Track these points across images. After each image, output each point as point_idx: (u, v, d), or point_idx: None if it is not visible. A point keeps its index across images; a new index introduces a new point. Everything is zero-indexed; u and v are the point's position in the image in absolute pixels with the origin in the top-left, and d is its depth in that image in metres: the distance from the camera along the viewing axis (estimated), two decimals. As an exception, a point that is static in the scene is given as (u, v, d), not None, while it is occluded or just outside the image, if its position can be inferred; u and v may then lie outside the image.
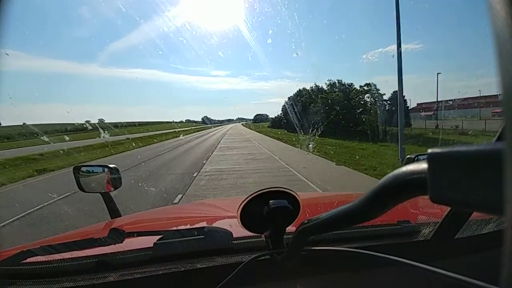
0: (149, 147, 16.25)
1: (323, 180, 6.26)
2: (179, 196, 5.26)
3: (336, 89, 25.93)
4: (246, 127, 57.45)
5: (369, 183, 5.93)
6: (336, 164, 8.84)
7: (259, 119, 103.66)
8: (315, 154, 10.65)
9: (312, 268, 0.63)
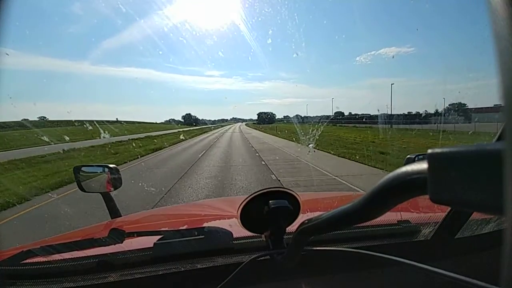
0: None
1: None
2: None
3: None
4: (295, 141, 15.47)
5: None
6: None
7: (266, 119, 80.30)
8: None
9: (312, 268, 0.63)
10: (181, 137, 20.91)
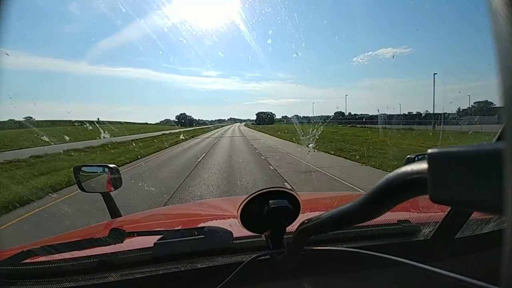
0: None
1: None
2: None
3: None
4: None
5: None
6: None
7: (266, 119, 72.89)
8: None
9: (312, 268, 0.63)
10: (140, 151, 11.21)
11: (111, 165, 1.17)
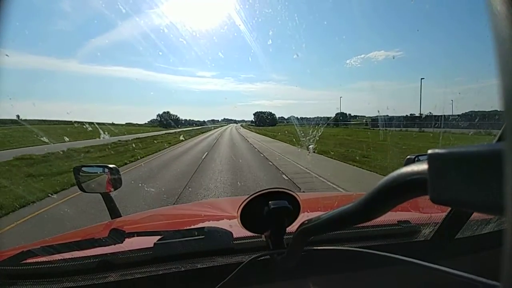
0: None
1: None
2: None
3: None
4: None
5: None
6: None
7: (267, 120, 66.34)
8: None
9: (312, 268, 0.63)
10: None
11: (111, 166, 1.17)
